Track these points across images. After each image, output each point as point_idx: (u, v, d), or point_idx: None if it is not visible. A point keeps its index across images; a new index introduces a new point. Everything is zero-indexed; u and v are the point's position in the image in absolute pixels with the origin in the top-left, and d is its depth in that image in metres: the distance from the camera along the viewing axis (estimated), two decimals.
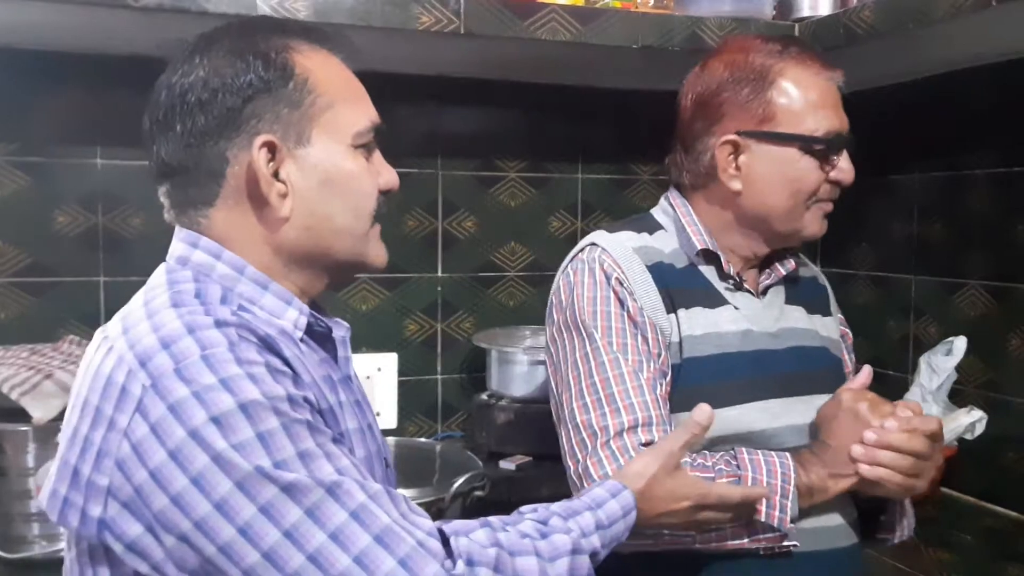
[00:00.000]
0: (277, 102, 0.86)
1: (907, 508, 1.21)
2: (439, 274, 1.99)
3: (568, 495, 0.96)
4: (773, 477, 1.04)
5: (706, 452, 1.08)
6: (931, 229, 1.90)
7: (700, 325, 1.15)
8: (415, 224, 1.95)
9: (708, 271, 1.19)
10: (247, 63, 0.86)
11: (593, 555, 0.88)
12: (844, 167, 1.15)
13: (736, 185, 1.15)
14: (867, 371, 1.13)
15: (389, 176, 0.94)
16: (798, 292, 1.26)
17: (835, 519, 1.14)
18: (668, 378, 1.12)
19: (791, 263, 1.24)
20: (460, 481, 1.49)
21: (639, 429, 1.06)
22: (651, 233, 1.21)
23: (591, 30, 1.54)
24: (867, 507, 1.18)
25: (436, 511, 1.47)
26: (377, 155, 0.95)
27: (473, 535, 0.82)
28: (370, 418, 0.99)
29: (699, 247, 1.18)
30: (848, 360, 1.30)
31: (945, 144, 1.84)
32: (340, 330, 0.97)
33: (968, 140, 1.79)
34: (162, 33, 1.05)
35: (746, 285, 1.20)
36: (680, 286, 1.16)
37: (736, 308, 1.18)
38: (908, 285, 1.95)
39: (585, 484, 1.04)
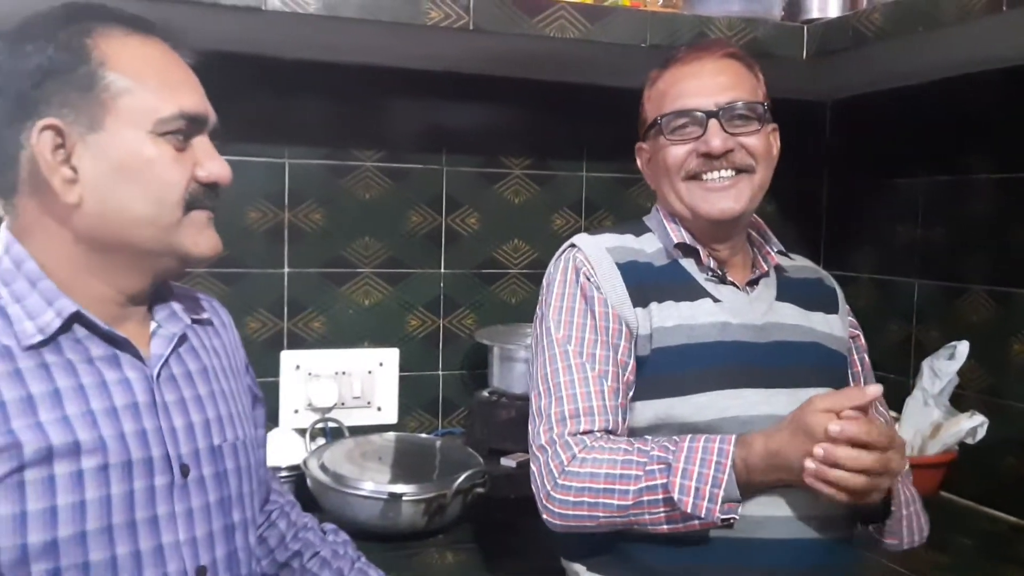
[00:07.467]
0: (66, 85, 0.84)
1: (918, 512, 1.18)
2: (442, 270, 1.99)
3: None
4: (706, 466, 1.03)
5: (647, 437, 1.12)
6: (934, 232, 1.90)
7: (673, 317, 1.17)
8: (419, 220, 1.94)
9: (689, 265, 1.23)
10: (37, 46, 0.85)
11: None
12: (711, 139, 1.18)
13: None
14: (876, 389, 1.02)
15: (212, 167, 0.91)
16: (794, 289, 1.27)
17: (815, 508, 1.09)
18: (630, 368, 1.17)
19: (773, 259, 1.27)
20: (462, 478, 1.49)
21: (580, 419, 1.13)
22: (636, 235, 1.27)
23: (599, 28, 1.54)
24: (870, 510, 1.14)
25: (437, 507, 1.48)
26: (200, 144, 0.91)
27: None
28: (220, 410, 0.97)
29: (675, 241, 1.23)
30: (857, 360, 1.30)
31: (949, 148, 1.84)
32: (174, 326, 0.94)
33: (971, 144, 1.80)
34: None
35: (730, 278, 1.23)
36: (655, 281, 1.20)
37: (717, 300, 1.20)
38: (911, 288, 1.95)
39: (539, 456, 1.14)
